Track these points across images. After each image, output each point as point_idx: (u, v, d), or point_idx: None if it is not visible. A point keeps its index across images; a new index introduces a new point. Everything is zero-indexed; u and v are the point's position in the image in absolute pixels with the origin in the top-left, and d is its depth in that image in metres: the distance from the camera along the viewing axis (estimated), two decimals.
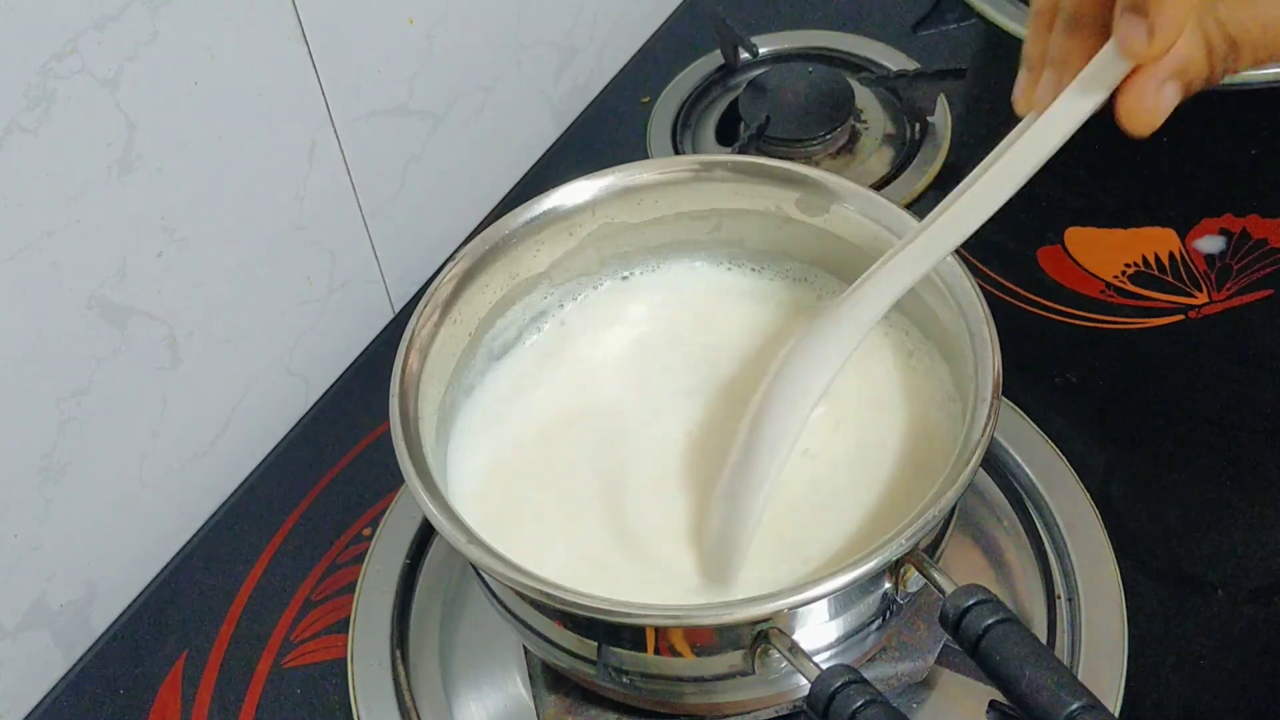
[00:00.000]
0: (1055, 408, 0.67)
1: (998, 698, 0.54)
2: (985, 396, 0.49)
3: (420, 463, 0.50)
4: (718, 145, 0.87)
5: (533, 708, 0.58)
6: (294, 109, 0.67)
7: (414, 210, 0.78)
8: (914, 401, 0.57)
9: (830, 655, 0.49)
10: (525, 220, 0.59)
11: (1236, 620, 0.59)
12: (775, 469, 0.51)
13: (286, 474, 0.71)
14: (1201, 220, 0.77)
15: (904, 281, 0.50)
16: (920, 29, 0.94)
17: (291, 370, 0.73)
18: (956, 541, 0.62)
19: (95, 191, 0.57)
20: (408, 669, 0.61)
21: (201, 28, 0.59)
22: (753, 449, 0.51)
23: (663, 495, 0.55)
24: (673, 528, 0.54)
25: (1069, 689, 0.43)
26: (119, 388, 0.62)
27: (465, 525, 0.48)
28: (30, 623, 0.61)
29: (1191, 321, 0.72)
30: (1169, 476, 0.65)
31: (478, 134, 0.81)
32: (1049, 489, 0.63)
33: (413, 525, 0.65)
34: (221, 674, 0.62)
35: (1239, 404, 0.68)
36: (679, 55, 0.94)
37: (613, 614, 0.45)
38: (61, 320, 0.58)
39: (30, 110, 0.53)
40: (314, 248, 0.71)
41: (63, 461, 0.60)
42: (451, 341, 0.56)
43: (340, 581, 0.65)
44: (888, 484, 0.54)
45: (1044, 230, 0.77)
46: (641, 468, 0.56)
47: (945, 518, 0.49)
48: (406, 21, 0.73)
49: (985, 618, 0.45)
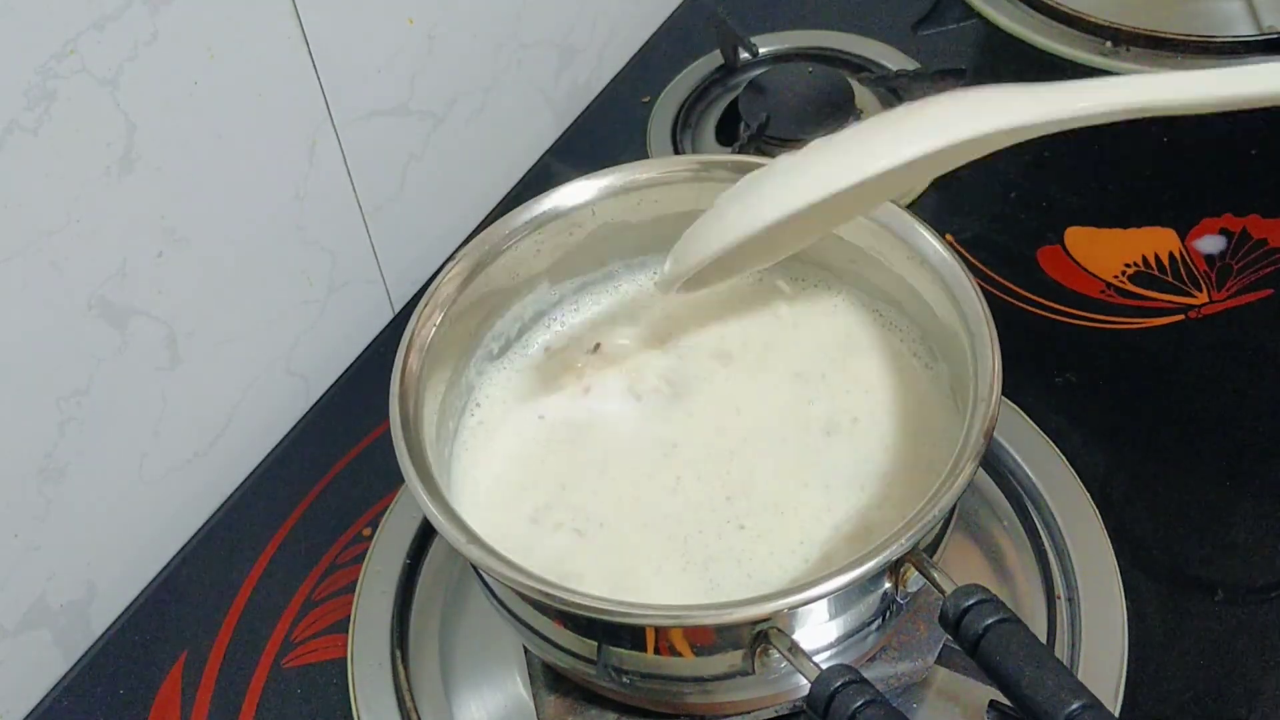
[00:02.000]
0: (1055, 408, 0.67)
1: (998, 698, 0.54)
2: (985, 396, 0.49)
3: (420, 463, 0.50)
4: (718, 145, 0.87)
5: (533, 708, 0.58)
6: (294, 109, 0.67)
7: (414, 210, 0.78)
8: (913, 401, 0.57)
9: (830, 655, 0.49)
10: (525, 220, 0.59)
11: (1236, 620, 0.59)
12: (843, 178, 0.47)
13: (286, 474, 0.71)
14: (1201, 220, 0.77)
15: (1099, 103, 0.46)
16: (920, 29, 0.94)
17: (291, 370, 0.73)
18: (956, 541, 0.62)
19: (95, 191, 0.57)
20: (408, 669, 0.61)
21: (201, 28, 0.59)
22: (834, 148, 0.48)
23: (664, 497, 0.55)
24: (674, 529, 0.54)
25: (1069, 689, 0.43)
26: (119, 388, 0.62)
27: (465, 525, 0.48)
28: (30, 623, 0.61)
29: (1191, 321, 0.72)
30: (1169, 476, 0.65)
31: (478, 134, 0.81)
32: (1049, 489, 0.63)
33: (413, 525, 0.65)
34: (221, 674, 0.62)
35: (1239, 404, 0.68)
36: (679, 55, 0.94)
37: (613, 614, 0.45)
38: (61, 320, 0.58)
39: (30, 110, 0.53)
40: (314, 248, 0.71)
41: (63, 461, 0.60)
42: (452, 341, 0.56)
43: (340, 581, 0.65)
44: (888, 484, 0.54)
45: (1044, 230, 0.77)
46: (643, 469, 0.56)
47: (945, 518, 0.49)
48: (406, 21, 0.73)
49: (985, 617, 0.45)
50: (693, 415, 0.58)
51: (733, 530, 0.53)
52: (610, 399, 0.59)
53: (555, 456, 0.57)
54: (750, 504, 0.54)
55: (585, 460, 0.57)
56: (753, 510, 0.54)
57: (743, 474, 0.55)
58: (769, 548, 0.53)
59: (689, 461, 0.56)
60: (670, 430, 0.57)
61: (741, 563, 0.52)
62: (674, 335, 0.62)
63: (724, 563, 0.53)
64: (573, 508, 0.55)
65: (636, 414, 0.58)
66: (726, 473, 0.55)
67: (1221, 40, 0.86)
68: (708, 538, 0.53)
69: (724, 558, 0.53)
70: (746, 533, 0.53)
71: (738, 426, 0.57)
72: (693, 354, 0.61)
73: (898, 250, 0.56)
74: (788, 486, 0.55)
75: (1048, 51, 0.89)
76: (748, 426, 0.57)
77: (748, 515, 0.54)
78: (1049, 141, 0.49)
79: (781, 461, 0.56)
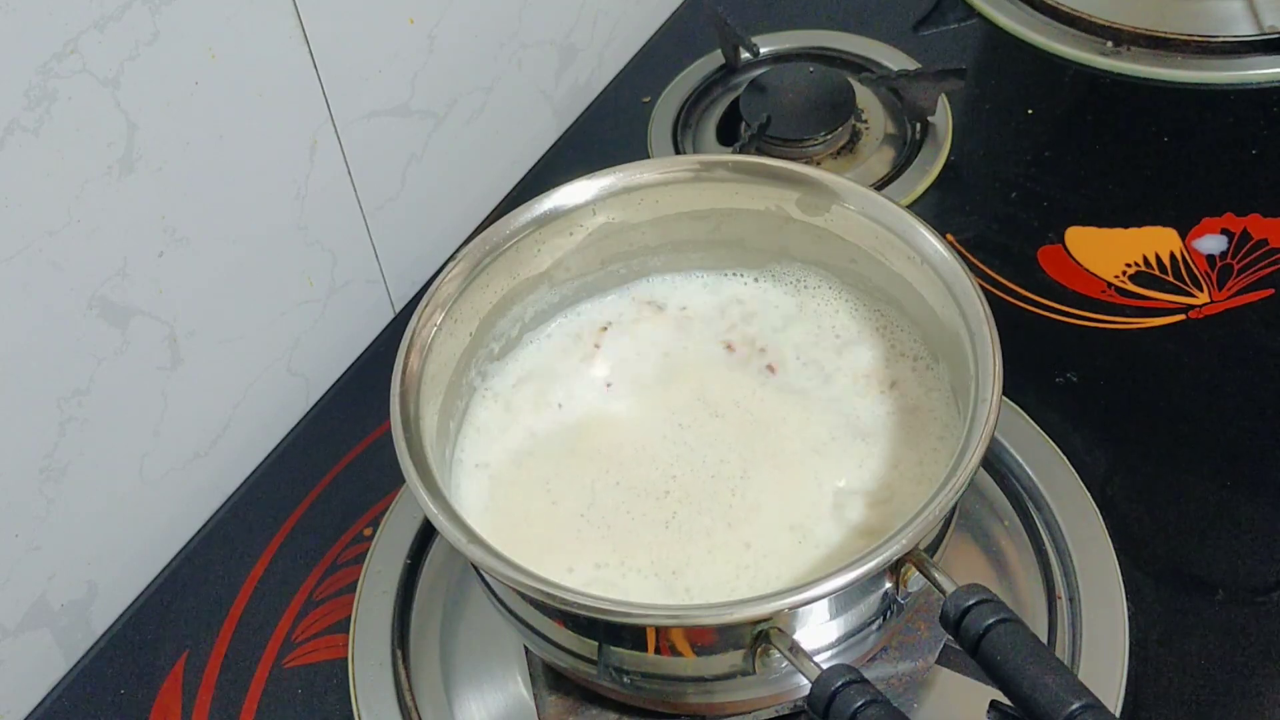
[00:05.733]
0: (1055, 408, 0.67)
1: (998, 698, 0.54)
2: (985, 396, 0.49)
3: (421, 463, 0.50)
4: (718, 145, 0.87)
5: (533, 708, 0.58)
6: (294, 109, 0.67)
7: (414, 210, 0.78)
8: (914, 401, 0.57)
9: (831, 655, 0.49)
10: (525, 220, 0.59)
11: (1237, 620, 0.59)
12: None
13: (286, 474, 0.71)
14: (1202, 220, 0.77)
15: None
16: (921, 29, 0.94)
17: (292, 370, 0.73)
18: (956, 541, 0.62)
19: (96, 191, 0.57)
20: (408, 669, 0.61)
21: (202, 27, 0.59)
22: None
23: (663, 499, 0.55)
24: (675, 532, 0.54)
25: (1070, 689, 0.43)
26: (120, 388, 0.62)
27: (466, 525, 0.48)
28: (31, 622, 0.61)
29: (1192, 321, 0.72)
30: (1169, 476, 0.65)
31: (478, 134, 0.81)
32: (1049, 489, 0.63)
33: (413, 525, 0.65)
34: (222, 674, 0.62)
35: (1239, 404, 0.68)
36: (680, 55, 0.94)
37: (613, 614, 0.45)
38: (62, 320, 0.58)
39: (31, 110, 0.53)
40: (314, 248, 0.71)
41: (63, 461, 0.60)
42: (452, 341, 0.56)
43: (341, 581, 0.65)
44: (888, 484, 0.54)
45: (1044, 230, 0.77)
46: (643, 470, 0.56)
47: (946, 518, 0.49)
48: (407, 21, 0.72)
49: (986, 617, 0.45)
50: (693, 415, 0.58)
51: (733, 530, 0.53)
52: (610, 399, 0.59)
53: (556, 457, 0.57)
54: (751, 504, 0.54)
55: (585, 461, 0.57)
56: (753, 511, 0.54)
57: (743, 475, 0.55)
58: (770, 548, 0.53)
59: (688, 460, 0.56)
60: (670, 431, 0.57)
61: (743, 563, 0.52)
62: (675, 336, 0.62)
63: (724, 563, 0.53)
64: (576, 509, 0.55)
65: (637, 414, 0.58)
66: (727, 474, 0.55)
67: (1222, 40, 0.87)
68: (708, 538, 0.53)
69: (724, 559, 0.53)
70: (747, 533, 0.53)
71: (738, 427, 0.57)
72: (693, 355, 0.61)
73: (898, 250, 0.56)
74: (788, 486, 0.55)
75: (1048, 51, 0.89)
76: (748, 427, 0.57)
77: (749, 516, 0.54)
78: (1049, 141, 0.49)
79: (782, 462, 0.56)
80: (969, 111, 0.86)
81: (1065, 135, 0.84)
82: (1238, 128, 0.83)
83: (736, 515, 0.54)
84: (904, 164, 0.83)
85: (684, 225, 0.61)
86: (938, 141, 0.84)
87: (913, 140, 0.85)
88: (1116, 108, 0.85)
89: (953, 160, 0.82)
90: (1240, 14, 0.88)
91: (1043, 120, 0.85)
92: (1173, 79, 0.86)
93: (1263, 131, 0.82)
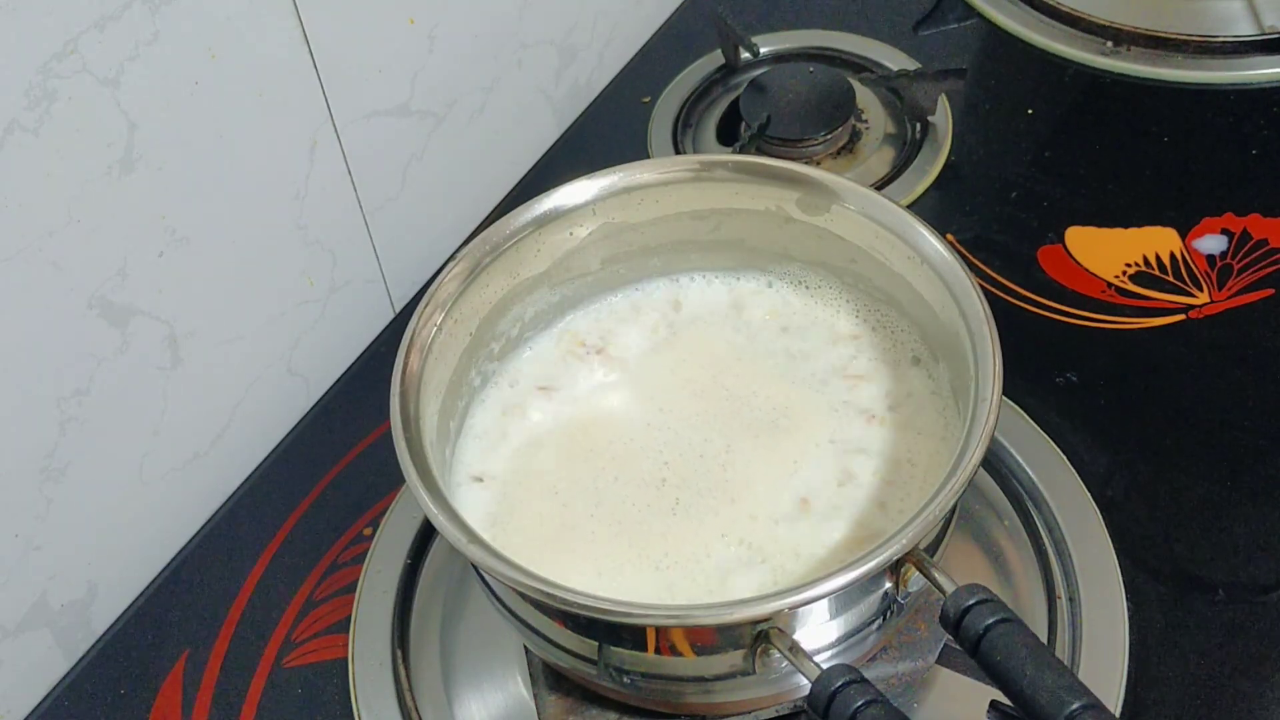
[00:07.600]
0: (1055, 408, 0.67)
1: (998, 698, 0.54)
2: (985, 396, 0.49)
3: (421, 463, 0.50)
4: (718, 145, 0.87)
5: (533, 708, 0.58)
6: (294, 109, 0.67)
7: (414, 210, 0.78)
8: (914, 401, 0.57)
9: (831, 655, 0.49)
10: (525, 220, 0.59)
11: (1237, 620, 0.59)
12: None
13: (286, 474, 0.71)
14: (1202, 220, 0.77)
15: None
16: (921, 29, 0.94)
17: (292, 370, 0.73)
18: (956, 541, 0.62)
19: (96, 191, 0.57)
20: (408, 669, 0.61)
21: (202, 28, 0.59)
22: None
23: (662, 501, 0.55)
24: (676, 531, 0.54)
25: (1070, 689, 0.43)
26: (119, 388, 0.62)
27: (466, 525, 0.48)
28: (31, 622, 0.61)
29: (1192, 321, 0.72)
30: (1169, 476, 0.65)
31: (478, 134, 0.81)
32: (1049, 489, 0.63)
33: (413, 525, 0.65)
34: (222, 674, 0.62)
35: (1239, 404, 0.68)
36: (680, 55, 0.94)
37: (613, 614, 0.45)
38: (62, 320, 0.58)
39: (31, 110, 0.53)
40: (314, 247, 0.71)
41: (63, 461, 0.60)
42: (452, 341, 0.56)
43: (341, 581, 0.65)
44: (889, 484, 0.54)
45: (1044, 230, 0.77)
46: (643, 471, 0.56)
47: (945, 517, 0.49)
48: (407, 21, 0.72)
49: (986, 617, 0.45)
50: (693, 417, 0.58)
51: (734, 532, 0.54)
52: (611, 399, 0.59)
53: (556, 457, 0.57)
54: (751, 505, 0.54)
55: (585, 461, 0.57)
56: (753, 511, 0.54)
57: (743, 476, 0.55)
58: (769, 548, 0.53)
59: (687, 463, 0.56)
60: (670, 432, 0.57)
61: (742, 563, 0.52)
62: (675, 336, 0.62)
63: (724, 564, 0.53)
64: (576, 509, 0.55)
65: (637, 415, 0.58)
66: (726, 477, 0.55)
67: (1222, 40, 0.87)
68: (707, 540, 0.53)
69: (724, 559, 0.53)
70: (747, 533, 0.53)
71: (739, 428, 0.57)
72: (693, 355, 0.61)
73: (898, 250, 0.56)
74: (788, 486, 0.55)
75: (1048, 51, 0.89)
76: (749, 428, 0.57)
77: (748, 516, 0.54)
78: (1049, 141, 0.49)
79: (782, 462, 0.56)
80: (969, 111, 0.86)
81: (1065, 135, 0.84)
82: (1238, 128, 0.83)
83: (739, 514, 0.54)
84: (904, 164, 0.83)
85: (684, 225, 0.61)
86: (938, 141, 0.84)
87: (913, 140, 0.85)
88: (1116, 108, 0.86)
89: (953, 160, 0.82)
90: (1240, 14, 0.88)
91: (1043, 120, 0.85)
92: (1173, 79, 0.86)
93: (1263, 131, 0.82)
